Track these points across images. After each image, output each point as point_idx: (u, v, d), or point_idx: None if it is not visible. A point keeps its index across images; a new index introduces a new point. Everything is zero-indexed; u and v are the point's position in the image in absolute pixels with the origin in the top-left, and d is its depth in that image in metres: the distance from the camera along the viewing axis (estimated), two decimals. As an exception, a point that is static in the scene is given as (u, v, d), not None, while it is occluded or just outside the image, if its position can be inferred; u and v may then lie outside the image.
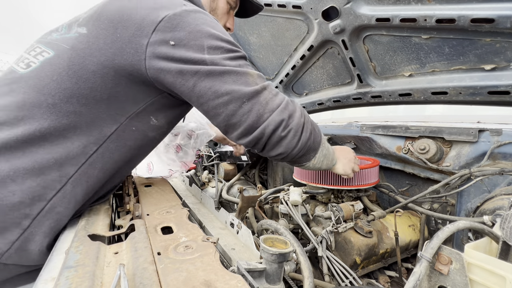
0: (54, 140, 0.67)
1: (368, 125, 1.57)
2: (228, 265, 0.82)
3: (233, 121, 0.69)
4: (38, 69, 0.69)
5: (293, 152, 0.76)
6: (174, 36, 0.66)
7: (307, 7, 1.37)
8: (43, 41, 0.75)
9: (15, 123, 0.65)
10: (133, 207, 0.87)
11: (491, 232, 0.75)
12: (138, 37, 0.66)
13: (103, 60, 0.67)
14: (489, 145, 1.14)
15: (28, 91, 0.67)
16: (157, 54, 0.66)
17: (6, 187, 0.63)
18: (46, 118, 0.66)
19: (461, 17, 1.03)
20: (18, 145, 0.65)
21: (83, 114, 0.68)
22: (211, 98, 0.67)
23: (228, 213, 1.07)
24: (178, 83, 0.68)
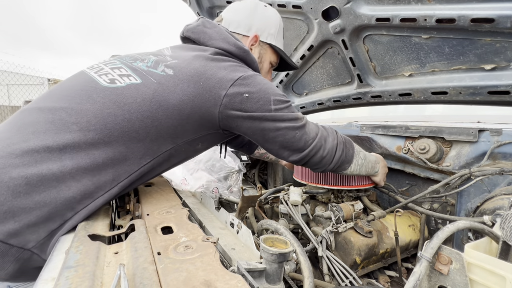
0: (117, 148, 0.76)
1: (368, 125, 1.57)
2: (228, 265, 0.82)
3: (286, 145, 0.92)
4: (123, 88, 0.80)
5: (329, 166, 1.00)
6: (248, 90, 0.86)
7: (307, 7, 1.37)
8: (128, 65, 0.87)
9: (87, 127, 0.73)
10: (133, 207, 0.88)
11: (491, 232, 0.75)
12: (217, 88, 0.83)
13: (184, 99, 0.82)
14: (489, 145, 1.14)
15: (108, 103, 0.77)
16: (232, 103, 0.85)
17: (64, 182, 0.70)
18: (118, 129, 0.76)
19: (461, 17, 1.03)
20: (85, 147, 0.72)
21: (151, 133, 0.80)
22: (273, 131, 0.89)
23: (228, 213, 1.07)
24: (245, 124, 0.88)
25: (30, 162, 0.67)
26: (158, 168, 0.88)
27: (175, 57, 0.90)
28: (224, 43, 0.95)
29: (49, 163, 0.68)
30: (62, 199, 0.69)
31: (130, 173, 0.80)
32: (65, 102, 0.76)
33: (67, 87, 0.82)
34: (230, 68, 0.88)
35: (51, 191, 0.68)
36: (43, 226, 0.68)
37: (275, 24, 1.11)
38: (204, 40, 0.97)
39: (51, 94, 0.81)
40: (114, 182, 0.77)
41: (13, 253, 0.67)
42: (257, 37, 1.08)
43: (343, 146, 1.02)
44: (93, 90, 0.78)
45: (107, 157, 0.75)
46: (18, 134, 0.70)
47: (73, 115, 0.74)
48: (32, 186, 0.66)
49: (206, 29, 0.98)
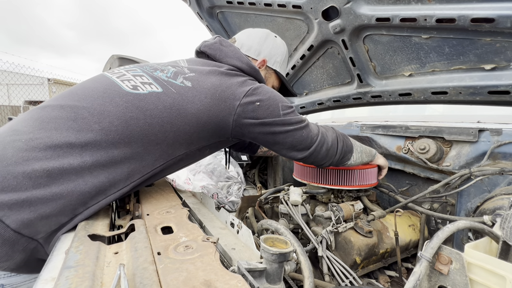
0: (136, 149, 0.81)
1: (368, 125, 1.57)
2: (228, 265, 0.82)
3: (296, 144, 1.01)
4: (145, 95, 0.85)
5: (335, 158, 1.09)
6: (259, 99, 0.94)
7: (307, 7, 1.37)
8: (149, 73, 0.93)
9: (109, 128, 0.77)
10: (133, 207, 0.88)
11: (491, 232, 0.75)
12: (232, 99, 0.92)
13: (202, 109, 0.89)
14: (489, 145, 1.14)
15: (131, 107, 0.81)
16: (245, 112, 0.93)
17: (82, 177, 0.73)
18: (138, 132, 0.80)
19: (461, 17, 1.03)
20: (106, 146, 0.76)
21: (169, 137, 0.85)
22: (283, 133, 0.98)
23: (228, 213, 1.07)
24: (258, 129, 0.96)
25: (52, 156, 0.71)
26: (167, 170, 0.93)
27: (192, 70, 0.97)
28: (237, 61, 1.05)
29: (70, 158, 0.72)
30: (78, 193, 0.72)
31: (143, 174, 0.84)
32: (88, 102, 0.80)
33: (89, 88, 0.85)
34: (242, 82, 0.98)
35: (69, 185, 0.71)
36: (55, 219, 0.71)
37: (281, 53, 1.23)
38: (220, 57, 1.07)
39: (72, 93, 0.84)
40: (128, 181, 0.81)
41: (22, 243, 0.69)
42: (265, 61, 1.19)
43: (342, 138, 1.12)
44: (116, 94, 0.83)
45: (125, 156, 0.79)
46: (41, 129, 0.74)
47: (96, 115, 0.78)
48: (53, 179, 0.70)
49: (222, 47, 1.08)
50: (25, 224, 0.68)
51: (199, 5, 1.77)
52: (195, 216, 1.11)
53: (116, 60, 2.81)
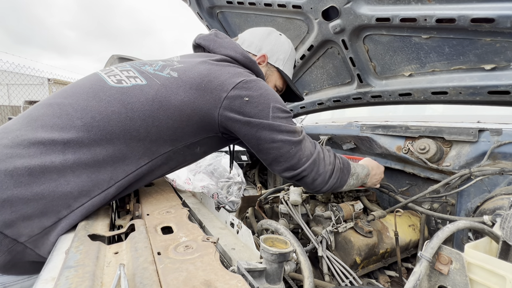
0: (118, 146, 0.77)
1: (368, 125, 1.57)
2: (228, 265, 0.82)
3: (280, 160, 0.91)
4: (129, 89, 0.82)
5: (322, 189, 1.00)
6: (248, 94, 0.86)
7: (307, 7, 1.37)
8: (137, 68, 0.90)
9: (91, 123, 0.75)
10: (133, 207, 0.88)
11: (491, 232, 0.75)
12: (219, 90, 0.85)
13: (186, 100, 0.83)
14: (489, 145, 1.14)
15: (113, 101, 0.79)
16: (231, 106, 0.85)
17: (64, 176, 0.71)
18: (120, 127, 0.77)
19: (461, 17, 1.03)
20: (88, 143, 0.74)
21: (151, 132, 0.81)
22: (267, 142, 0.89)
23: (228, 213, 1.07)
24: (243, 129, 0.88)
25: (35, 154, 0.69)
26: (156, 170, 0.89)
27: (182, 62, 0.93)
28: (231, 51, 0.99)
29: (53, 156, 0.70)
30: (59, 193, 0.70)
31: (128, 173, 0.80)
32: (73, 99, 0.79)
33: (78, 85, 0.84)
34: (234, 72, 0.90)
35: (50, 184, 0.69)
36: (37, 221, 0.69)
37: (285, 51, 1.17)
38: (214, 47, 1.01)
39: (63, 91, 0.84)
40: (112, 181, 0.78)
41: (6, 243, 0.68)
42: (265, 56, 1.13)
43: (339, 173, 1.01)
44: (100, 89, 0.81)
45: (108, 154, 0.76)
46: (28, 126, 0.73)
47: (79, 111, 0.76)
48: (34, 177, 0.68)
49: (217, 38, 1.03)
50: (7, 224, 0.66)
51: (199, 5, 1.77)
52: (195, 216, 1.11)
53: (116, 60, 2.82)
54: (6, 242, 0.67)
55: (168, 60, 0.96)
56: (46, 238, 0.71)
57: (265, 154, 0.93)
